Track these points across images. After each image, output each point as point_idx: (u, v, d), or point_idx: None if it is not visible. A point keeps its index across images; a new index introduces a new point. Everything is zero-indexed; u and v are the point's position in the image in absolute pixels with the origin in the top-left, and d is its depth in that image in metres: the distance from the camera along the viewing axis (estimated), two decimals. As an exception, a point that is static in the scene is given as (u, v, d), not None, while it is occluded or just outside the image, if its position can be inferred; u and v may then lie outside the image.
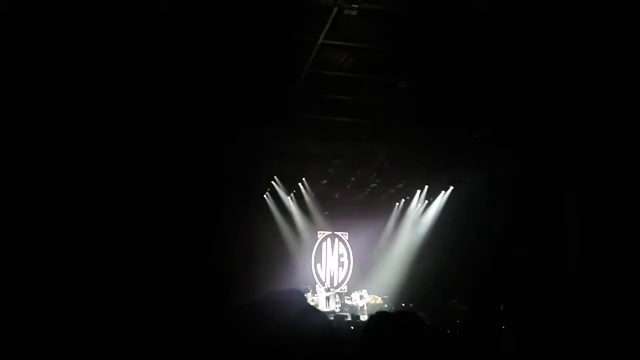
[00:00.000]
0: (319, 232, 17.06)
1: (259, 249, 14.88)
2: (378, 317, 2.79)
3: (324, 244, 17.20)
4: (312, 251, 16.93)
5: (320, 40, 8.69)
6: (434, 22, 8.16)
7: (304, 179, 15.19)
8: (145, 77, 9.25)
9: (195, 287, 10.79)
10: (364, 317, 13.18)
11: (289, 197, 15.91)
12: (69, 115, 9.18)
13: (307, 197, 15.86)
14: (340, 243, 17.38)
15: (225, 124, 11.25)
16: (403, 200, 16.72)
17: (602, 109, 9.43)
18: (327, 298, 15.51)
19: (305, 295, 13.13)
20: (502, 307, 11.68)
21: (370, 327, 2.66)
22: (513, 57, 8.87)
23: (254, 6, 7.81)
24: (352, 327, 10.46)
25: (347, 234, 17.38)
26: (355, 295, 15.42)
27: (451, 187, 15.19)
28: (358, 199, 16.86)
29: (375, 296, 15.29)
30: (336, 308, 15.31)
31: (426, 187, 15.66)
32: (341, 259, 17.27)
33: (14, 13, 7.02)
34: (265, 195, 15.64)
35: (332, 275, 17.06)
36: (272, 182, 15.22)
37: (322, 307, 14.80)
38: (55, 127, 9.08)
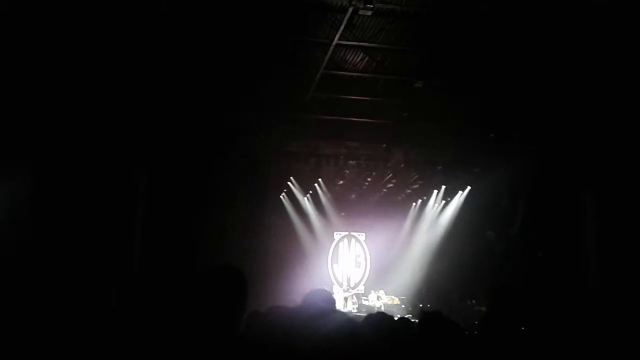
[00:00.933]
0: (335, 232, 17.03)
1: (276, 249, 14.91)
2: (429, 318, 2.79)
3: (340, 244, 17.17)
4: (328, 252, 16.92)
5: (335, 41, 8.69)
6: (449, 21, 8.12)
7: (320, 179, 15.17)
8: (161, 78, 9.31)
9: (209, 288, 10.81)
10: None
11: (305, 198, 15.91)
12: (74, 113, 9.23)
13: (323, 198, 15.85)
14: (357, 244, 17.34)
15: (242, 125, 11.30)
16: (420, 200, 16.63)
17: (618, 109, 9.31)
18: (345, 299, 15.50)
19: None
20: (520, 309, 11.55)
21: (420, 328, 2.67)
22: (529, 58, 8.79)
23: (269, 8, 7.84)
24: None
25: (363, 234, 17.33)
26: (372, 296, 15.38)
27: (468, 187, 15.08)
28: (374, 199, 16.81)
29: (393, 297, 15.22)
30: (353, 309, 15.28)
31: (443, 187, 15.54)
32: (358, 260, 17.23)
33: (15, 13, 7.09)
34: (281, 196, 15.66)
35: (348, 276, 17.03)
36: (288, 182, 15.23)
37: (339, 307, 14.78)
38: (58, 126, 9.14)
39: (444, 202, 15.97)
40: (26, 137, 8.74)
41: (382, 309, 14.75)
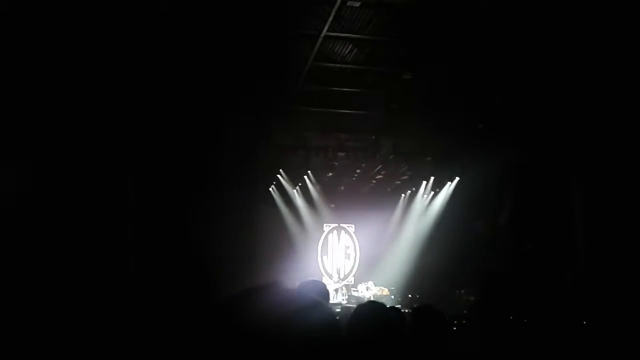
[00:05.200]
0: (324, 224, 17.05)
1: (265, 242, 14.90)
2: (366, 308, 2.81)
3: (330, 236, 17.20)
4: (318, 243, 16.95)
5: (323, 33, 8.68)
6: (437, 12, 8.13)
7: (309, 171, 15.18)
8: (148, 72, 9.25)
9: (199, 282, 10.82)
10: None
11: (295, 190, 15.90)
12: (70, 112, 9.18)
13: (312, 190, 15.85)
14: (347, 235, 17.38)
15: (230, 118, 11.26)
16: (409, 191, 16.69)
17: (607, 99, 9.38)
18: (335, 290, 15.56)
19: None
20: (510, 298, 11.66)
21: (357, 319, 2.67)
22: (517, 48, 8.82)
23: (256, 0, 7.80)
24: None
25: (353, 226, 17.36)
26: (362, 287, 15.44)
27: (457, 178, 15.16)
28: (364, 191, 16.86)
29: (382, 287, 15.29)
30: (343, 300, 15.35)
31: (432, 178, 15.62)
32: (347, 251, 17.28)
33: (16, 13, 7.02)
34: (270, 189, 15.65)
35: (338, 267, 17.08)
36: (278, 175, 15.22)
37: (330, 299, 14.84)
38: (54, 126, 9.08)
39: (432, 193, 16.04)
40: (18, 136, 8.67)
41: (372, 299, 14.81)
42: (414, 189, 16.44)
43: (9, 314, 6.97)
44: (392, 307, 3.48)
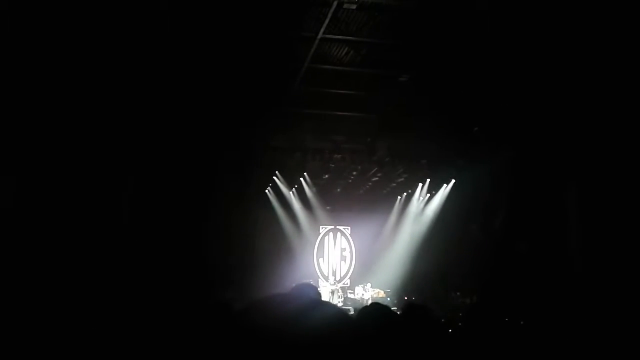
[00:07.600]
0: (321, 226, 17.06)
1: (261, 244, 14.91)
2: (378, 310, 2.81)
3: (326, 238, 17.22)
4: (314, 246, 16.95)
5: (320, 35, 8.68)
6: (434, 15, 8.15)
7: (305, 173, 15.19)
8: (146, 75, 9.25)
9: (196, 283, 10.80)
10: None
11: (291, 192, 15.91)
12: (69, 115, 9.17)
13: (308, 192, 15.86)
14: (343, 237, 17.40)
15: (226, 120, 11.26)
16: (405, 193, 16.72)
17: (601, 101, 9.41)
18: (332, 292, 15.56)
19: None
20: (505, 300, 11.70)
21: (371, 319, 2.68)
22: (513, 51, 8.85)
23: (253, 2, 7.80)
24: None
25: (349, 228, 17.38)
26: (358, 289, 15.46)
27: (453, 180, 15.19)
28: (360, 193, 16.87)
29: (378, 290, 15.31)
30: (339, 302, 15.35)
31: (428, 180, 15.65)
32: (343, 253, 17.29)
33: (17, 13, 7.01)
34: (266, 191, 15.65)
35: (334, 269, 17.09)
36: (274, 177, 15.22)
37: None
38: (54, 127, 9.06)
39: (428, 195, 16.07)
40: (16, 138, 8.64)
41: (369, 302, 14.82)
42: (409, 191, 16.47)
43: (4, 313, 6.94)
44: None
